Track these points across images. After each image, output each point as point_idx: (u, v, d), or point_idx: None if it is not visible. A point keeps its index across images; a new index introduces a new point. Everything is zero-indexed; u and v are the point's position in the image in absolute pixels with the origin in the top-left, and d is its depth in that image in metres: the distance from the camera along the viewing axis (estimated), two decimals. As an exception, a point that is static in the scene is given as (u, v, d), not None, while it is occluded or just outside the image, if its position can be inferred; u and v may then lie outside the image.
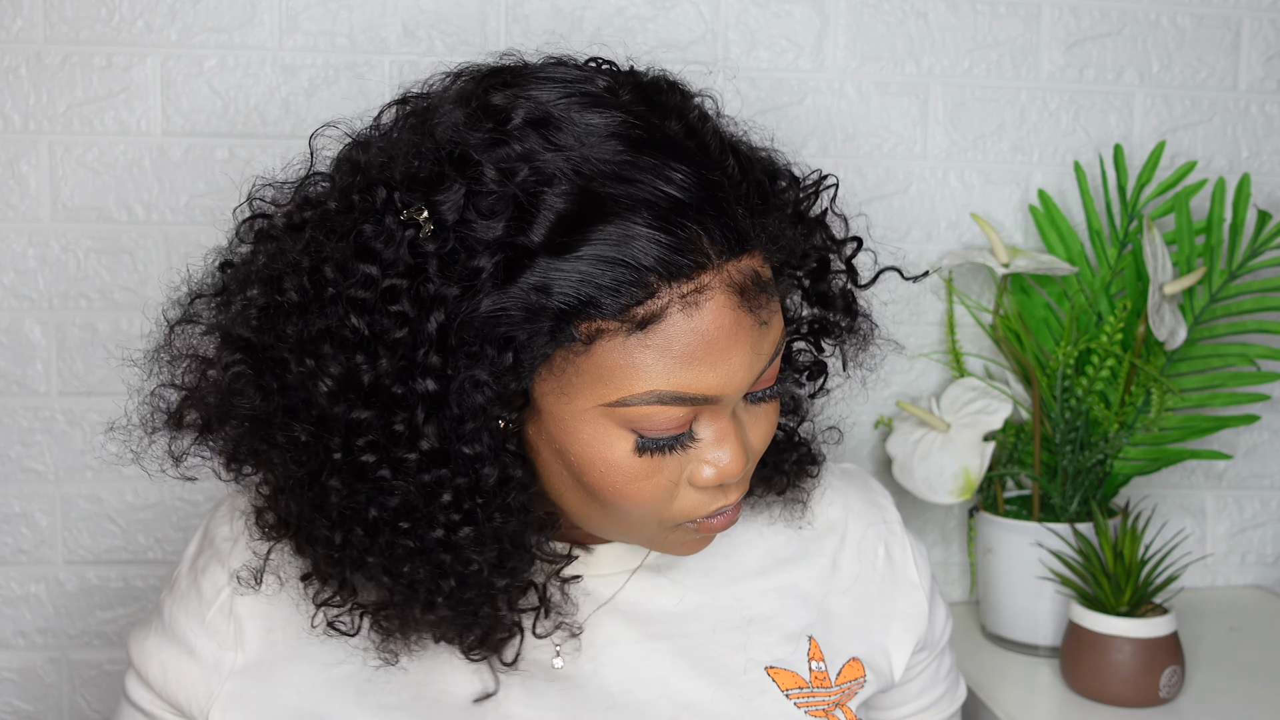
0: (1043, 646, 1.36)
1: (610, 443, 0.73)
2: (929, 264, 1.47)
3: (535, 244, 0.70)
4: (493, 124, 0.73)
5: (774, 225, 0.76)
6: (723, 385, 0.73)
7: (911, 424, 1.42)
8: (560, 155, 0.71)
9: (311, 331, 0.73)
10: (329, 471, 0.74)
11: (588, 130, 0.72)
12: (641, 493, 0.75)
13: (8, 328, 1.34)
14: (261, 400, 0.75)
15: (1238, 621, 1.46)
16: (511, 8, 1.37)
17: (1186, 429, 1.40)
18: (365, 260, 0.72)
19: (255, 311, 0.75)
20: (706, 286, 0.71)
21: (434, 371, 0.71)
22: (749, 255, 0.73)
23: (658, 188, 0.71)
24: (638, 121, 0.73)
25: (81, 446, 1.36)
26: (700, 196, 0.71)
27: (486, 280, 0.70)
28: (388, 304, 0.71)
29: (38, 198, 1.33)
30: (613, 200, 0.70)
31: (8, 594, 1.37)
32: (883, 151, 1.45)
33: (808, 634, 0.89)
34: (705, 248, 0.71)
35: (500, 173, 0.71)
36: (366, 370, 0.71)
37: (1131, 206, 1.43)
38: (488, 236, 0.70)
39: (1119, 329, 1.38)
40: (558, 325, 0.70)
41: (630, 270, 0.69)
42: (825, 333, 0.90)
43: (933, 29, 1.45)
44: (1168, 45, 1.49)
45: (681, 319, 0.70)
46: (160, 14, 1.32)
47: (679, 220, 0.70)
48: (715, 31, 1.41)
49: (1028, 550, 1.35)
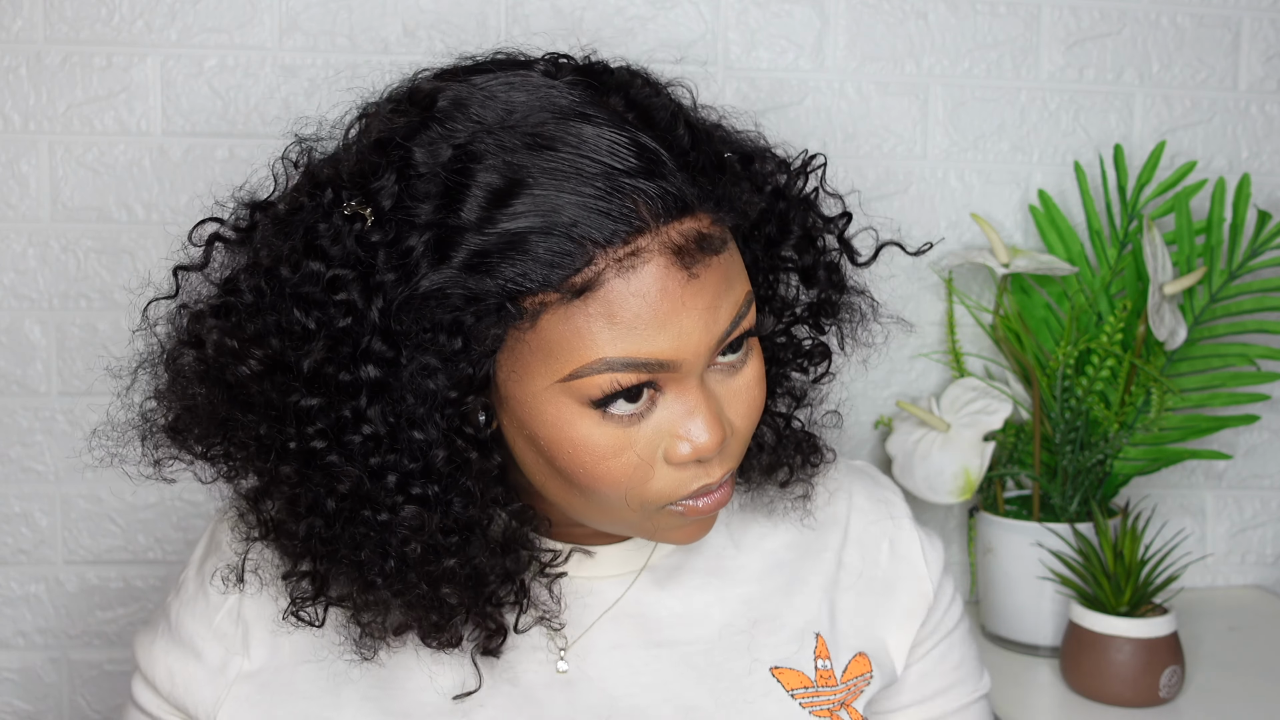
0: (1043, 646, 1.36)
1: (573, 420, 0.73)
2: (929, 264, 1.47)
3: (465, 221, 0.70)
4: (419, 109, 0.74)
5: (725, 190, 0.75)
6: (676, 348, 0.71)
7: (911, 424, 1.42)
8: (485, 132, 0.71)
9: (264, 328, 0.74)
10: (283, 459, 0.75)
11: (515, 106, 0.73)
12: (613, 471, 0.74)
13: (8, 328, 1.34)
14: (223, 397, 0.76)
15: (1238, 621, 1.46)
16: (511, 8, 1.37)
17: (1186, 429, 1.40)
18: (313, 257, 0.73)
19: (210, 313, 0.77)
20: (643, 249, 0.70)
21: (378, 358, 0.72)
22: (692, 218, 0.72)
23: (588, 154, 0.70)
24: (571, 94, 0.74)
25: (81, 446, 1.36)
26: (635, 163, 0.71)
27: (420, 260, 0.70)
28: (333, 294, 0.72)
29: (38, 198, 1.33)
30: (541, 170, 0.70)
31: (8, 594, 1.37)
32: (883, 151, 1.45)
33: (814, 630, 0.89)
34: (641, 212, 0.70)
35: (427, 154, 0.72)
36: (310, 359, 0.72)
37: (1131, 206, 1.43)
38: (420, 219, 0.71)
39: (1119, 329, 1.38)
40: (500, 303, 0.70)
41: (563, 239, 0.69)
42: (822, 313, 0.89)
43: (933, 29, 1.45)
44: (1168, 45, 1.49)
45: (620, 283, 0.70)
46: (160, 14, 1.32)
47: (611, 186, 0.70)
48: (715, 31, 1.41)
49: (1028, 550, 1.35)
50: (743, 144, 0.85)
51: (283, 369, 0.74)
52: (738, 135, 0.86)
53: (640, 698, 0.84)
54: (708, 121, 0.83)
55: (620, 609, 0.87)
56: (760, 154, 0.85)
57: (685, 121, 0.77)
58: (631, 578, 0.88)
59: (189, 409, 0.78)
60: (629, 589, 0.88)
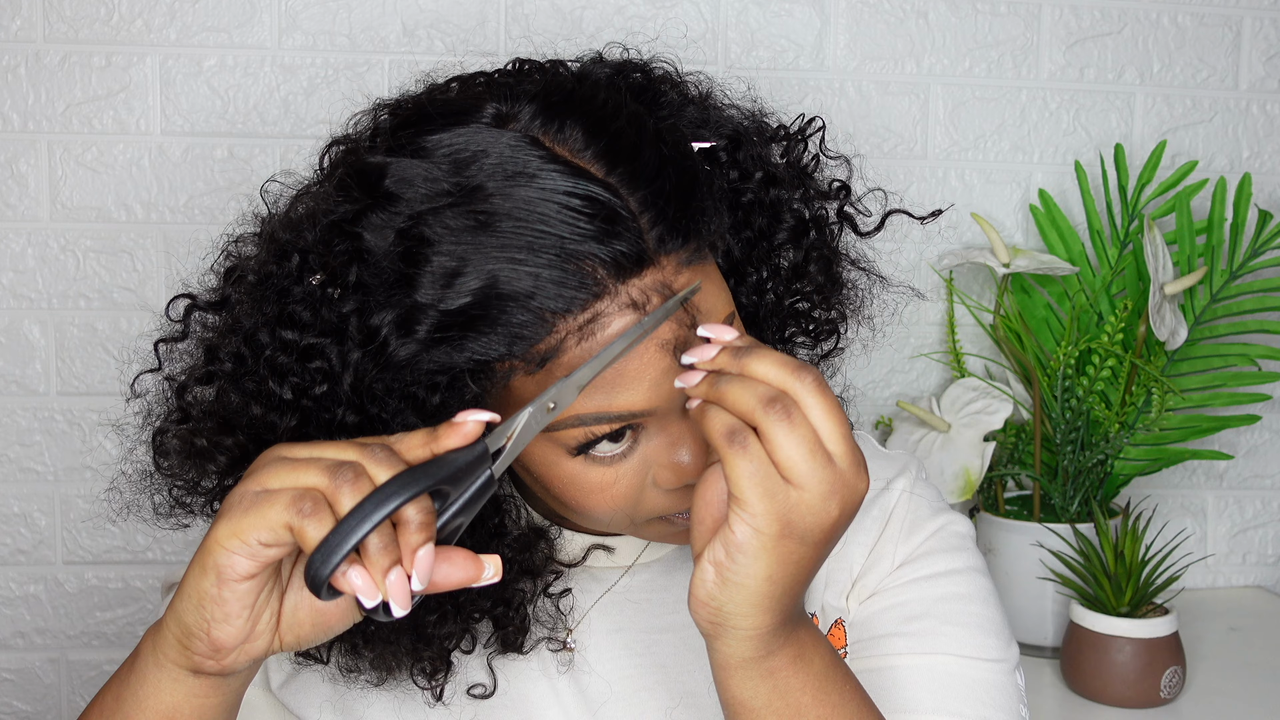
0: (1043, 647, 1.36)
1: (559, 461, 0.74)
2: (929, 264, 1.47)
3: (422, 302, 0.69)
4: (364, 192, 0.73)
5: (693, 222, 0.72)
6: (648, 400, 0.71)
7: (912, 424, 1.42)
8: (431, 214, 0.70)
9: (245, 395, 0.74)
10: None
11: (463, 174, 0.71)
12: (605, 502, 0.75)
13: (7, 328, 1.34)
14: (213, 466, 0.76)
15: (1238, 622, 1.46)
16: (511, 7, 1.37)
17: (1187, 429, 1.40)
18: (286, 326, 0.73)
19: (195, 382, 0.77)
20: (602, 313, 0.69)
21: (349, 430, 0.72)
22: (653, 269, 0.70)
23: (537, 225, 0.69)
24: (520, 151, 0.71)
25: (81, 446, 1.35)
26: (586, 227, 0.69)
27: (388, 337, 0.70)
28: (307, 363, 0.72)
29: (37, 197, 1.33)
30: (493, 246, 0.68)
31: (7, 594, 1.37)
32: (883, 151, 1.45)
33: (810, 611, 0.88)
34: (598, 275, 0.68)
35: (377, 238, 0.71)
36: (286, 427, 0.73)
37: (1132, 206, 1.43)
38: (381, 297, 0.70)
39: (1119, 329, 1.38)
40: (472, 370, 0.70)
41: (520, 310, 0.68)
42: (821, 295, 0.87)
43: (933, 29, 1.44)
44: (1168, 45, 1.49)
45: (582, 350, 0.69)
46: (159, 13, 1.32)
47: (564, 253, 0.68)
48: (715, 31, 1.41)
49: (1028, 550, 1.35)
50: (730, 122, 0.83)
51: (269, 433, 0.74)
52: (728, 110, 0.84)
53: (638, 681, 0.85)
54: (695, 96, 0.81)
55: (621, 595, 0.87)
56: (749, 134, 0.83)
57: (655, 140, 0.74)
58: (630, 567, 0.89)
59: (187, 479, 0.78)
60: (625, 575, 0.88)
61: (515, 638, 0.83)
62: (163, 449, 0.78)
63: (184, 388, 0.78)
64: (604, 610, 0.87)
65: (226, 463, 0.75)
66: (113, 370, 1.35)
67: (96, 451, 1.36)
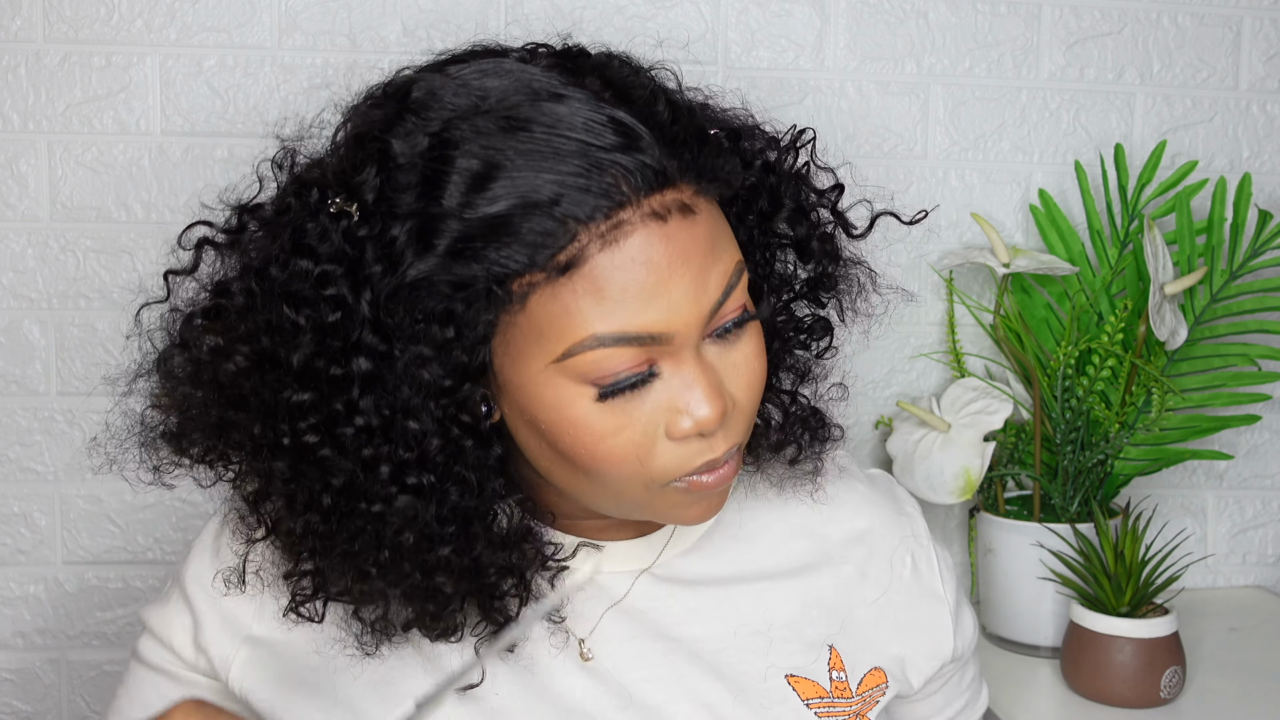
0: (1043, 647, 1.36)
1: (572, 400, 0.72)
2: (929, 264, 1.47)
3: (447, 208, 0.70)
4: (394, 102, 0.75)
5: (708, 160, 0.74)
6: (667, 320, 0.71)
7: (912, 424, 1.42)
8: (460, 119, 0.72)
9: (254, 327, 0.75)
10: (276, 456, 0.75)
11: (489, 91, 0.73)
12: (615, 450, 0.73)
13: (7, 328, 1.34)
14: (216, 398, 0.76)
15: (1238, 622, 1.46)
16: (511, 7, 1.37)
17: (1187, 429, 1.40)
18: (301, 255, 0.73)
19: (201, 315, 0.78)
20: (625, 222, 0.70)
21: (369, 350, 0.72)
22: (673, 189, 0.72)
23: (564, 133, 0.70)
24: (546, 77, 0.74)
25: (81, 446, 1.36)
26: (612, 139, 0.71)
27: (405, 250, 0.71)
28: (322, 289, 0.72)
29: (37, 197, 1.33)
30: (518, 152, 0.70)
31: (7, 594, 1.37)
32: (883, 151, 1.45)
33: (828, 643, 0.88)
34: (621, 186, 0.70)
35: (405, 145, 0.72)
36: (299, 353, 0.73)
37: (1132, 206, 1.43)
38: (402, 209, 0.71)
39: (1119, 329, 1.38)
40: (488, 288, 0.70)
41: (544, 218, 0.69)
42: (820, 287, 0.88)
43: (933, 29, 1.45)
44: (1168, 45, 1.49)
45: (604, 257, 0.69)
46: (159, 13, 1.32)
47: (590, 162, 0.70)
48: (715, 31, 1.41)
49: (1028, 550, 1.35)
50: (729, 121, 0.85)
51: (274, 366, 0.74)
52: (724, 114, 0.86)
53: (657, 693, 0.84)
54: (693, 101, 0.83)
55: (630, 604, 0.87)
56: (748, 131, 0.85)
57: (665, 99, 0.77)
58: (640, 573, 0.88)
59: (185, 413, 0.78)
60: (636, 582, 0.87)
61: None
62: (168, 373, 0.78)
63: (190, 318, 0.78)
64: (615, 619, 0.86)
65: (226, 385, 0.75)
66: (113, 370, 1.35)
67: (88, 459, 1.36)
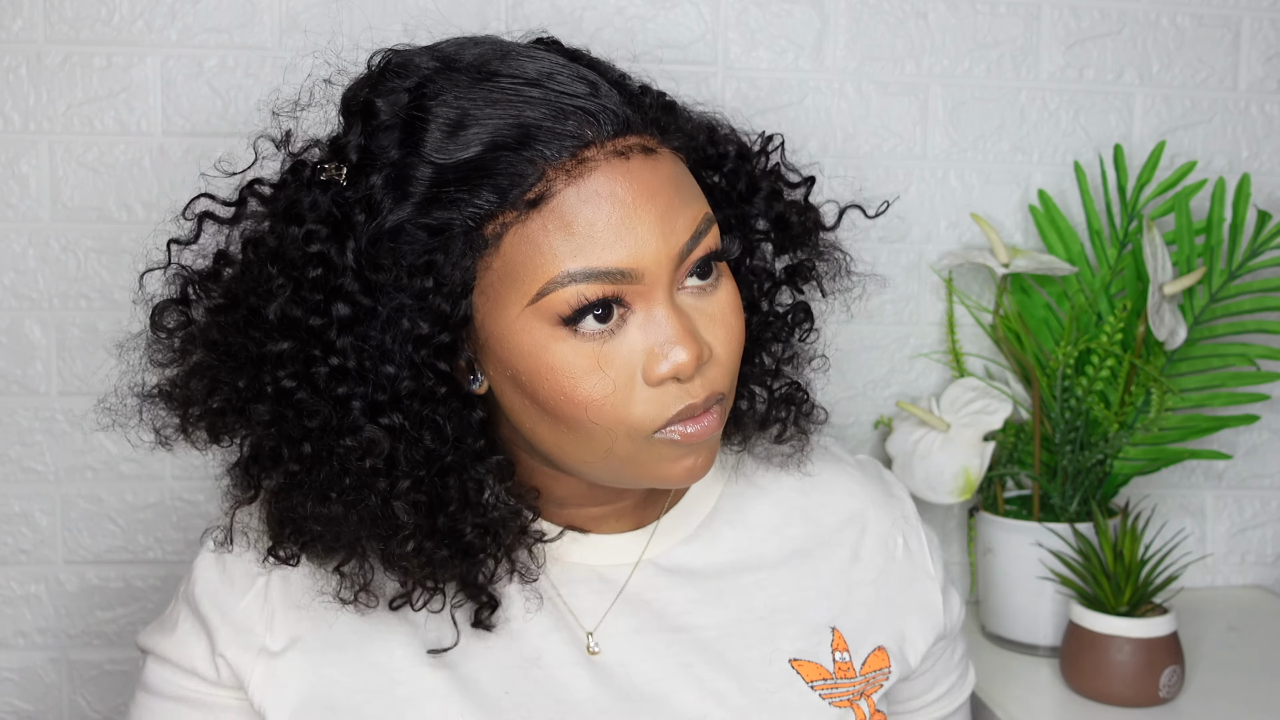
0: (1043, 646, 1.36)
1: (547, 344, 0.75)
2: (930, 264, 1.47)
3: (424, 156, 0.75)
4: (378, 72, 0.81)
5: (670, 119, 0.80)
6: (635, 255, 0.74)
7: (911, 424, 1.42)
8: (436, 73, 0.78)
9: (243, 287, 0.79)
10: (258, 402, 0.78)
11: (464, 54, 0.79)
12: (592, 394, 0.75)
13: (8, 328, 1.34)
14: (206, 355, 0.80)
15: (1237, 621, 1.46)
16: (511, 8, 1.37)
17: (1186, 429, 1.40)
18: (292, 223, 0.78)
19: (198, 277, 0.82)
20: (590, 159, 0.74)
21: (349, 298, 0.76)
22: (636, 135, 0.76)
23: (532, 81, 0.75)
24: (519, 45, 0.80)
25: (81, 446, 1.36)
26: (579, 87, 0.76)
27: (383, 198, 0.75)
28: (307, 247, 0.76)
29: (38, 198, 1.33)
30: (487, 101, 0.75)
31: (8, 594, 1.37)
32: (883, 151, 1.45)
33: (830, 625, 0.90)
34: (585, 130, 0.74)
35: (387, 103, 0.78)
36: (275, 302, 0.76)
37: (1131, 206, 1.43)
38: (384, 160, 0.76)
39: (1119, 329, 1.38)
40: (465, 231, 0.74)
41: (513, 157, 0.73)
42: (798, 275, 0.92)
43: (933, 29, 1.45)
44: (1168, 45, 1.49)
45: (571, 193, 0.73)
46: (160, 14, 1.32)
47: (556, 108, 0.74)
48: (715, 31, 1.41)
49: (1028, 550, 1.35)
50: (705, 114, 0.90)
51: (260, 322, 0.77)
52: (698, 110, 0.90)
53: (664, 683, 0.85)
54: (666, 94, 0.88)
55: (634, 595, 0.88)
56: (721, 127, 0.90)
57: (641, 87, 0.83)
58: (638, 564, 0.89)
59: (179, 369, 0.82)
60: (640, 573, 0.88)
61: (484, 614, 0.83)
62: (160, 325, 0.82)
63: (188, 280, 0.82)
64: (621, 611, 0.87)
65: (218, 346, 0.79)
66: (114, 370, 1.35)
67: (97, 451, 1.36)
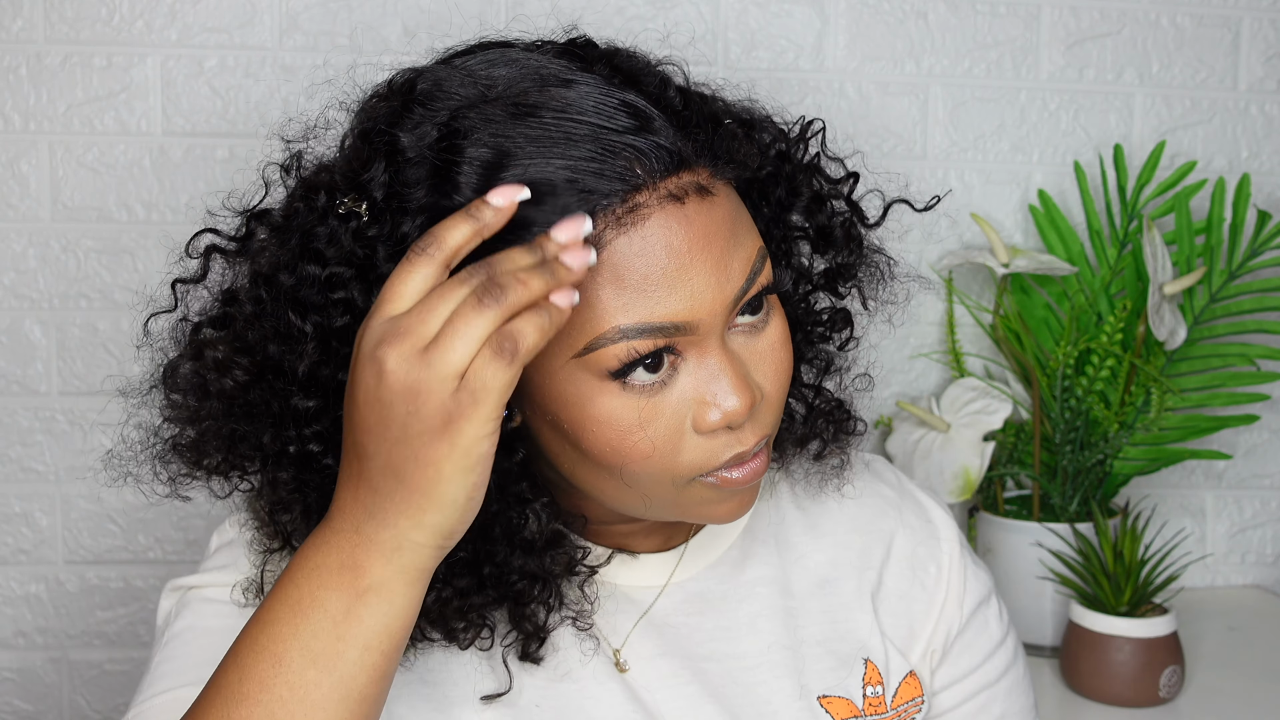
0: (1043, 646, 1.36)
1: (593, 397, 0.70)
2: (929, 264, 1.47)
3: (459, 201, 0.68)
4: (399, 96, 0.73)
5: (722, 143, 0.72)
6: (691, 308, 0.69)
7: (911, 424, 1.42)
8: (468, 108, 0.70)
9: (262, 334, 0.72)
10: (280, 466, 0.73)
11: (496, 79, 0.71)
12: (640, 446, 0.70)
13: (8, 328, 1.34)
14: (224, 408, 0.74)
15: (1237, 621, 1.46)
16: (511, 8, 1.37)
17: (1186, 429, 1.40)
18: (309, 261, 0.71)
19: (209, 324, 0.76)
20: (642, 205, 0.68)
21: None
22: (689, 172, 0.69)
23: (574, 117, 0.68)
24: (553, 63, 0.72)
25: (81, 446, 1.36)
26: (625, 121, 0.69)
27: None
28: (330, 293, 0.70)
29: (38, 198, 1.33)
30: (528, 139, 0.68)
31: (8, 594, 1.37)
32: (883, 151, 1.45)
33: (863, 656, 0.86)
34: (635, 168, 0.68)
35: (413, 139, 0.70)
36: (305, 361, 0.71)
37: (1131, 206, 1.43)
38: (414, 204, 0.70)
39: (1119, 329, 1.38)
40: None
41: (558, 205, 0.67)
42: (840, 277, 0.86)
43: (933, 29, 1.45)
44: (1168, 45, 1.49)
45: (623, 242, 0.67)
46: (160, 14, 1.32)
47: (602, 146, 0.68)
48: (715, 31, 1.41)
49: (1028, 550, 1.35)
50: (740, 112, 0.83)
51: (281, 374, 0.72)
52: (734, 104, 0.84)
53: (687, 713, 0.82)
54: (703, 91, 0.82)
55: (660, 619, 0.84)
56: (760, 122, 0.83)
57: (675, 87, 0.75)
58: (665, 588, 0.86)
59: (197, 425, 0.76)
60: (661, 597, 0.85)
61: (531, 645, 0.79)
62: (174, 384, 0.76)
63: (198, 327, 0.76)
64: (645, 634, 0.83)
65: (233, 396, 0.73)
66: (114, 370, 1.35)
67: (97, 451, 1.36)
